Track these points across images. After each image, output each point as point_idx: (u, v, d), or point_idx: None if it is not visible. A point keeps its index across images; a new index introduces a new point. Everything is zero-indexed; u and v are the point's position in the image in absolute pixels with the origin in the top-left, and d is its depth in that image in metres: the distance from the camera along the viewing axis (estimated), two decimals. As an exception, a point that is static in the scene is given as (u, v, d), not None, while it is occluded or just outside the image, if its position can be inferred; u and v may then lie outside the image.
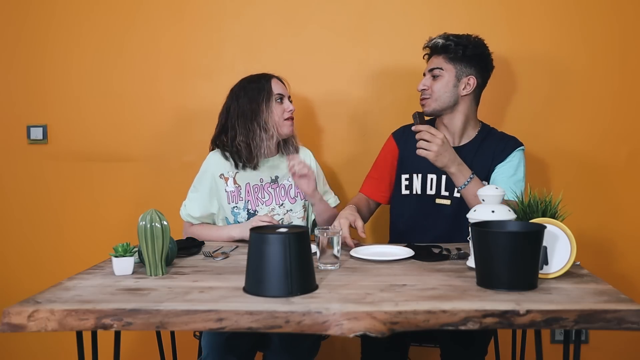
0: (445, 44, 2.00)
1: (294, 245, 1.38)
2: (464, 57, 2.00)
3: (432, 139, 1.82)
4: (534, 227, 1.45)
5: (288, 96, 2.14)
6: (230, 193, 2.09)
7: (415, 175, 2.09)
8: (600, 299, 1.34)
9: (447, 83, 2.01)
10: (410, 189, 2.10)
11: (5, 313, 1.29)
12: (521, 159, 2.03)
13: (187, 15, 2.52)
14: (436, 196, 2.06)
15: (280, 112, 2.08)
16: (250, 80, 2.12)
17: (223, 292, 1.42)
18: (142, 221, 1.56)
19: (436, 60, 2.04)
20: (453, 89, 2.01)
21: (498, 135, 2.10)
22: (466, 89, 2.02)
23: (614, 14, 2.41)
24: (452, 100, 2.02)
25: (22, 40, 2.57)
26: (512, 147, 2.03)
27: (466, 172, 1.88)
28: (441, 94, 2.01)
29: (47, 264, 2.61)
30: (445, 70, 2.01)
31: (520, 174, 2.01)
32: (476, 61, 2.03)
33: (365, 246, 1.90)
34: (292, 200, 2.14)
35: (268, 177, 2.12)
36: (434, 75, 2.03)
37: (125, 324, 1.29)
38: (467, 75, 2.02)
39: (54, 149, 2.59)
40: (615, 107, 2.44)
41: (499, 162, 2.02)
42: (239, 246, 1.95)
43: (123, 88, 2.56)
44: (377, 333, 1.25)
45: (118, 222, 2.55)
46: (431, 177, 2.07)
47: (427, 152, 1.82)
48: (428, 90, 2.03)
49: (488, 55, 2.06)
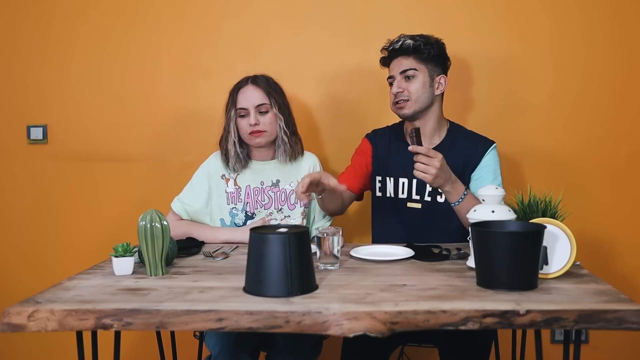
0: (416, 45, 1.98)
1: (294, 245, 1.38)
2: (433, 57, 2.00)
3: (430, 162, 1.73)
4: (534, 227, 1.45)
5: (259, 104, 2.03)
6: (230, 194, 2.09)
7: (388, 178, 2.10)
8: (600, 299, 1.33)
9: (424, 83, 1.99)
10: (383, 192, 2.11)
11: (5, 313, 1.29)
12: (496, 159, 2.02)
13: (186, 15, 2.53)
14: (408, 200, 2.07)
15: (244, 126, 2.05)
16: (233, 87, 2.11)
17: (223, 292, 1.42)
18: (142, 221, 1.56)
19: (406, 61, 2.01)
20: (429, 89, 2.00)
21: (467, 134, 2.08)
22: (439, 88, 2.02)
23: (614, 14, 2.41)
24: (429, 100, 2.01)
25: (22, 40, 2.57)
26: (483, 148, 2.02)
27: (460, 188, 1.83)
28: (420, 95, 1.99)
29: (48, 264, 2.61)
30: (419, 71, 1.99)
31: (499, 176, 2.01)
32: (442, 60, 2.04)
33: (365, 246, 1.90)
34: (292, 206, 2.12)
35: (269, 180, 2.12)
36: (408, 76, 2.00)
37: (125, 324, 1.29)
38: (438, 74, 2.02)
39: (54, 149, 2.59)
40: (615, 108, 2.44)
41: (474, 167, 2.01)
42: (239, 246, 1.95)
43: (123, 88, 2.56)
44: (377, 333, 1.25)
45: (118, 222, 2.55)
46: (403, 181, 2.07)
47: (425, 175, 1.74)
48: (404, 92, 2.00)
49: (445, 52, 2.06)
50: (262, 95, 2.06)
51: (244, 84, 2.08)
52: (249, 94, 2.06)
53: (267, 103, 2.05)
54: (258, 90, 2.06)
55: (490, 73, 2.45)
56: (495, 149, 2.04)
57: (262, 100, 2.05)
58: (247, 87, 2.07)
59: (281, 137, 2.08)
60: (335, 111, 2.52)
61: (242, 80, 2.10)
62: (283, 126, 2.07)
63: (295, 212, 2.12)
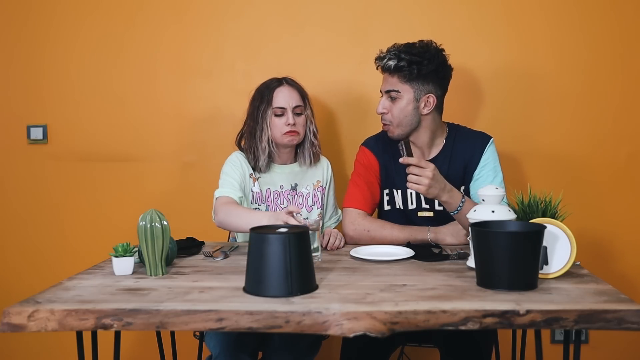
0: (398, 65, 1.89)
1: (294, 245, 1.38)
2: (419, 75, 1.90)
3: (421, 173, 1.70)
4: (534, 227, 1.45)
5: (296, 106, 2.05)
6: (255, 194, 2.08)
7: (395, 190, 2.05)
8: (600, 299, 1.34)
9: (406, 105, 1.92)
10: (392, 204, 2.07)
11: (5, 313, 1.29)
12: (494, 155, 1.99)
13: (187, 15, 2.52)
14: (417, 209, 2.03)
15: (279, 126, 2.04)
16: (261, 86, 2.10)
17: (223, 292, 1.42)
18: (142, 221, 1.56)
19: (391, 80, 1.93)
20: (414, 111, 1.93)
21: (465, 133, 2.04)
22: (427, 107, 1.93)
23: (614, 15, 2.41)
24: (415, 121, 1.94)
25: (22, 40, 2.57)
26: (480, 146, 1.98)
27: (457, 196, 1.79)
28: (402, 119, 1.93)
29: (48, 264, 2.61)
30: (402, 92, 1.92)
31: (499, 172, 1.98)
32: (432, 76, 1.92)
33: (365, 246, 1.90)
34: (309, 208, 2.13)
35: (288, 184, 2.12)
36: (392, 98, 1.94)
37: (125, 324, 1.29)
38: (425, 93, 1.92)
39: (54, 149, 2.59)
40: (615, 109, 2.44)
41: (473, 168, 1.98)
42: (239, 246, 1.95)
43: (123, 88, 2.55)
44: (377, 333, 1.25)
45: (118, 222, 2.55)
46: (410, 192, 2.02)
47: (418, 186, 1.71)
48: (388, 114, 1.95)
49: (444, 65, 1.95)
50: (298, 96, 2.07)
51: (278, 84, 2.08)
52: (287, 94, 2.05)
53: (302, 105, 2.07)
54: (294, 91, 2.07)
55: (490, 73, 2.45)
56: (492, 144, 2.01)
57: (299, 101, 2.07)
58: (284, 87, 2.07)
59: (310, 139, 2.11)
60: (335, 111, 2.52)
61: (272, 81, 2.09)
62: (313, 129, 2.11)
63: (313, 214, 2.13)
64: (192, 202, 2.50)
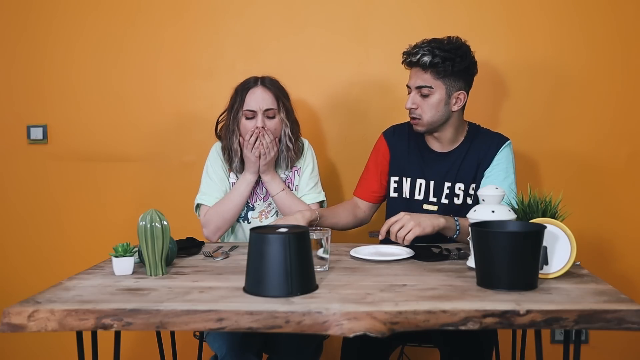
0: (434, 61, 1.88)
1: (294, 245, 1.38)
2: (453, 72, 1.91)
3: (399, 222, 1.72)
4: (534, 227, 1.45)
5: (267, 109, 2.00)
6: (232, 184, 2.10)
7: (405, 178, 2.06)
8: (600, 299, 1.34)
9: (438, 102, 1.93)
10: (399, 192, 2.07)
11: (5, 313, 1.29)
12: (509, 157, 1.98)
13: (187, 15, 2.53)
14: (424, 202, 2.04)
15: (249, 128, 1.99)
16: (240, 84, 2.07)
17: (223, 292, 1.42)
18: (142, 221, 1.56)
19: (424, 76, 1.92)
20: (445, 107, 1.94)
21: (484, 133, 2.05)
22: (457, 104, 1.95)
23: (614, 15, 2.41)
24: (445, 117, 1.96)
25: (23, 40, 2.57)
26: (496, 146, 1.98)
27: (450, 219, 1.79)
28: (433, 114, 1.94)
29: (48, 264, 2.61)
30: (435, 88, 1.92)
31: (512, 174, 1.97)
32: (464, 73, 1.94)
33: (365, 246, 1.90)
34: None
35: None
36: (423, 95, 1.93)
37: (125, 324, 1.29)
38: (457, 90, 1.94)
39: (54, 149, 2.59)
40: (615, 109, 2.44)
41: (486, 166, 1.98)
42: (239, 246, 1.95)
43: (123, 88, 2.56)
44: (377, 333, 1.25)
45: (118, 222, 2.55)
46: (420, 182, 2.03)
47: (413, 230, 1.70)
48: (418, 109, 1.94)
49: (473, 62, 1.97)
50: (272, 99, 2.02)
51: (253, 84, 2.03)
52: (258, 96, 2.01)
53: (275, 108, 2.02)
54: (268, 93, 2.02)
55: (489, 73, 2.45)
56: (509, 146, 2.00)
57: (271, 104, 2.02)
58: (257, 88, 2.02)
59: (285, 143, 2.06)
60: (335, 111, 2.52)
61: (249, 80, 2.05)
62: (288, 132, 2.05)
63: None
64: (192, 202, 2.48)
